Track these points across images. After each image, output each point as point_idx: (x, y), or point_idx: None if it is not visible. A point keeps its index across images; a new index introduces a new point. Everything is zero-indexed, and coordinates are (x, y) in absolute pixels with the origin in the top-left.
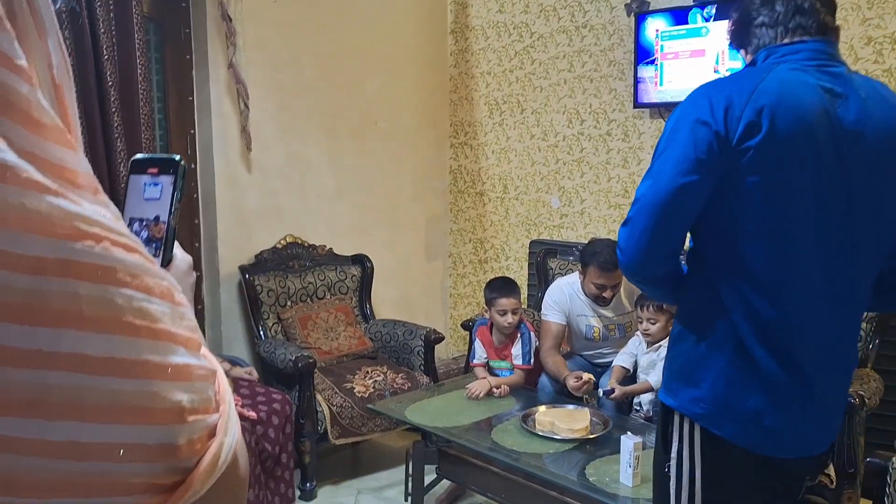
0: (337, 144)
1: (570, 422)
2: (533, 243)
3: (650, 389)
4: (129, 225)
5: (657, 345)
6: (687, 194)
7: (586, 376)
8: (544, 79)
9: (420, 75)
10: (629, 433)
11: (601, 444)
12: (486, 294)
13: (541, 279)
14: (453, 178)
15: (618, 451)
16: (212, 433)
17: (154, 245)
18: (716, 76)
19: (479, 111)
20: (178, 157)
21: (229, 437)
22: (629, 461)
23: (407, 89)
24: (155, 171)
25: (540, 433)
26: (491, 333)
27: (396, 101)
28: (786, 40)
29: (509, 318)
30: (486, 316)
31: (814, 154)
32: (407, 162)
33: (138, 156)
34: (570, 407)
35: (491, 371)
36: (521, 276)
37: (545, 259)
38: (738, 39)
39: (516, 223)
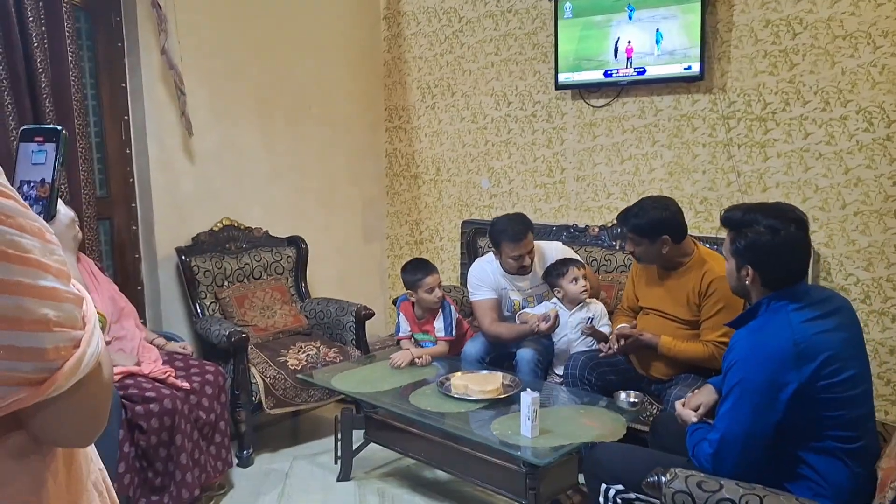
0: (271, 129)
1: (482, 384)
2: (464, 223)
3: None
4: (20, 186)
5: (580, 305)
6: None
7: (552, 313)
8: (473, 62)
9: (354, 60)
10: (528, 389)
11: (510, 403)
12: (408, 277)
13: (471, 257)
14: (389, 161)
15: None
16: (77, 344)
17: (41, 203)
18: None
19: (412, 95)
20: (59, 128)
21: (91, 348)
22: (528, 414)
23: (341, 74)
24: (41, 139)
25: (455, 396)
26: (413, 309)
27: (331, 85)
28: None
29: (437, 293)
30: (412, 298)
31: None
32: (342, 146)
33: (26, 126)
34: (484, 372)
35: (417, 343)
36: (453, 256)
37: (475, 238)
38: None
39: (449, 204)
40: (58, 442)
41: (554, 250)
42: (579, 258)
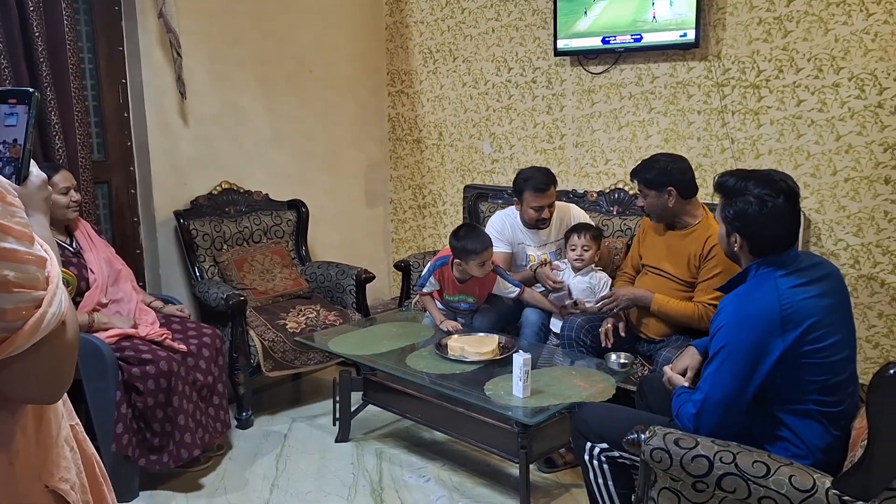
0: (272, 93)
1: (478, 346)
2: (467, 188)
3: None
4: None
5: (586, 269)
6: None
7: (543, 258)
8: (474, 27)
9: (356, 24)
10: (520, 351)
11: (506, 365)
12: (466, 246)
13: (473, 222)
14: (392, 125)
15: None
16: (38, 305)
17: (13, 164)
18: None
19: (414, 60)
20: (31, 90)
21: (53, 308)
22: (520, 375)
23: (342, 38)
24: (14, 101)
25: (451, 357)
26: (452, 271)
27: (332, 49)
28: None
29: (489, 266)
30: (460, 266)
31: None
32: (345, 110)
33: None
34: (481, 335)
35: (447, 305)
36: (456, 221)
37: (476, 202)
38: None
39: (451, 169)
40: (23, 399)
41: (575, 213)
42: (594, 226)
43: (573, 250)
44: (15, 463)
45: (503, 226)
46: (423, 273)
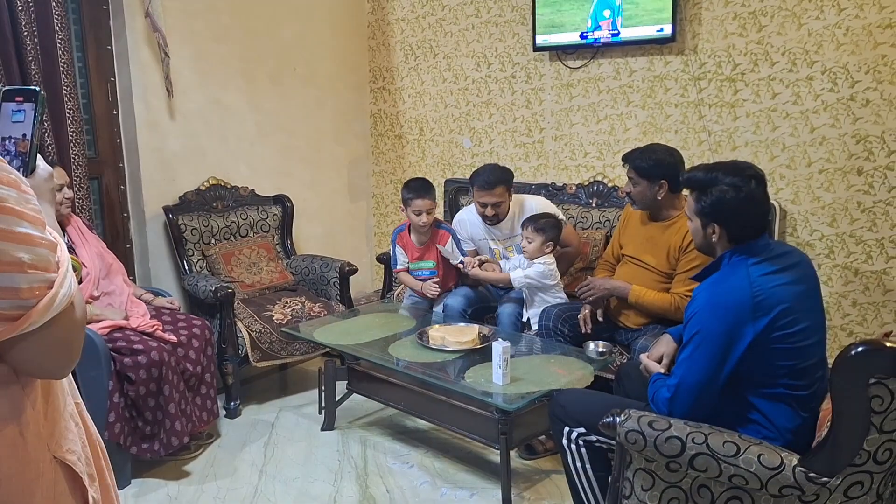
0: (256, 89)
1: (458, 336)
2: (447, 182)
3: (505, 281)
4: (2, 142)
5: (534, 260)
6: None
7: (483, 258)
8: (454, 24)
9: (338, 22)
10: (499, 339)
11: (485, 354)
12: (404, 194)
13: (454, 215)
14: (374, 121)
15: None
16: (50, 285)
17: (21, 157)
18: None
19: (396, 56)
20: (38, 89)
21: (64, 289)
22: (499, 363)
23: (325, 35)
24: (20, 99)
25: (432, 347)
26: (410, 235)
27: (315, 47)
28: None
29: (423, 219)
30: (404, 215)
31: None
32: (328, 106)
33: (7, 87)
34: (461, 324)
35: (410, 274)
36: (437, 214)
37: (456, 196)
38: None
39: (432, 164)
40: (34, 373)
41: (534, 204)
42: (554, 214)
43: (521, 241)
44: (25, 433)
45: (462, 223)
46: (391, 250)
